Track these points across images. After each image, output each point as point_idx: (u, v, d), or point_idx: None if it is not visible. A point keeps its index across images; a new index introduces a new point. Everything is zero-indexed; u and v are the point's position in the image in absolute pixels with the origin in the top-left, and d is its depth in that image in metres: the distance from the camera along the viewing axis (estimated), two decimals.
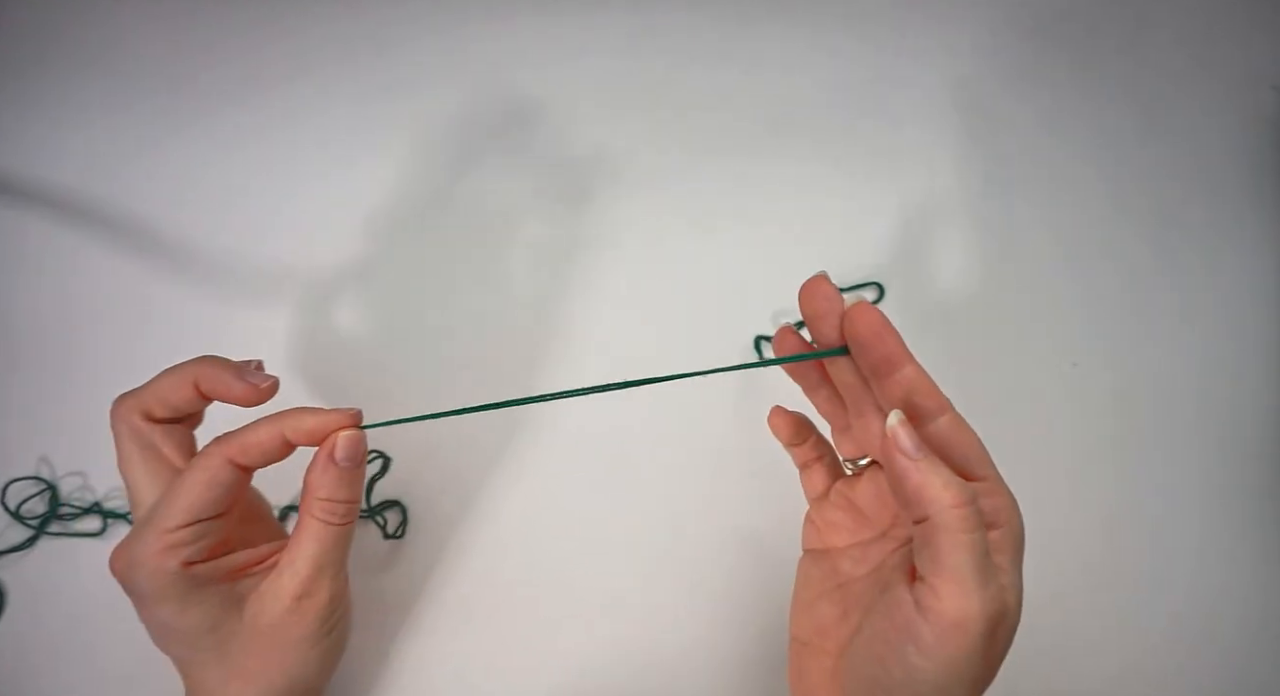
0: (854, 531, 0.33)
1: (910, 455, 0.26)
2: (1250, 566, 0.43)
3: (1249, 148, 0.54)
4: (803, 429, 0.34)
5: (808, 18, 0.58)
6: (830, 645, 0.31)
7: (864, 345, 0.28)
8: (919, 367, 0.28)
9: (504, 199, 0.51)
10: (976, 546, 0.25)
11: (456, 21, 0.56)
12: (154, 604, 0.30)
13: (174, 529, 0.29)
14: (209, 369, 0.31)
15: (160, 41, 0.55)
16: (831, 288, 0.29)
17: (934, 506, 0.25)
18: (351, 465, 0.31)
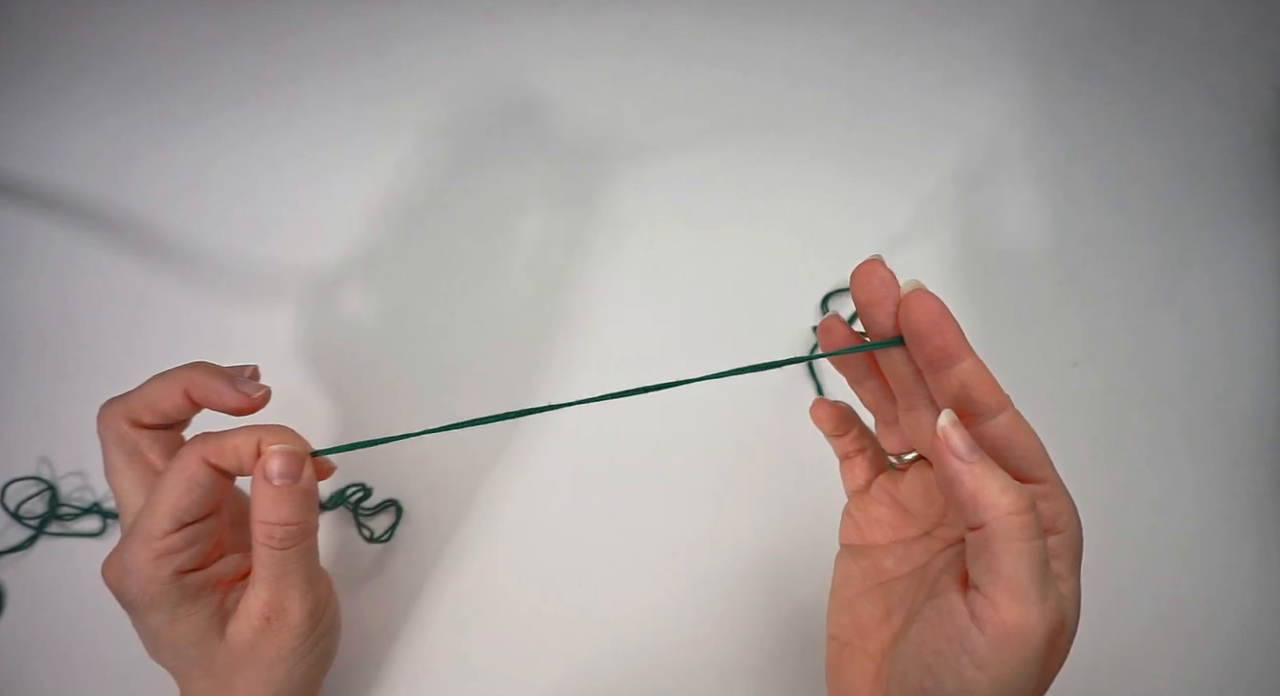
0: (897, 528, 0.31)
1: (964, 458, 0.24)
2: (1250, 566, 0.43)
3: (1249, 148, 0.54)
4: (846, 419, 0.33)
5: (809, 17, 0.58)
6: (872, 646, 0.30)
7: (921, 335, 0.26)
8: (978, 361, 0.26)
9: (505, 198, 0.51)
10: (1036, 555, 0.24)
11: (457, 22, 0.56)
12: (145, 613, 0.30)
13: (163, 536, 0.29)
14: (201, 376, 0.31)
15: (160, 42, 0.55)
16: (888, 272, 0.27)
17: (990, 512, 0.24)
18: (286, 482, 0.29)
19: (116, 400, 0.31)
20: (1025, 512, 0.24)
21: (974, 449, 0.25)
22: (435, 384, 0.45)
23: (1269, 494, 0.44)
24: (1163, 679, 0.40)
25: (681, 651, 0.40)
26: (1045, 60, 0.57)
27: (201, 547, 0.30)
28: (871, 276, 0.27)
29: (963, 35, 0.58)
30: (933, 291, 0.26)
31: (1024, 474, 0.26)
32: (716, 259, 0.49)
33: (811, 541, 0.42)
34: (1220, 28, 0.58)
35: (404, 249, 0.49)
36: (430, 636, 0.40)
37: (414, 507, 0.42)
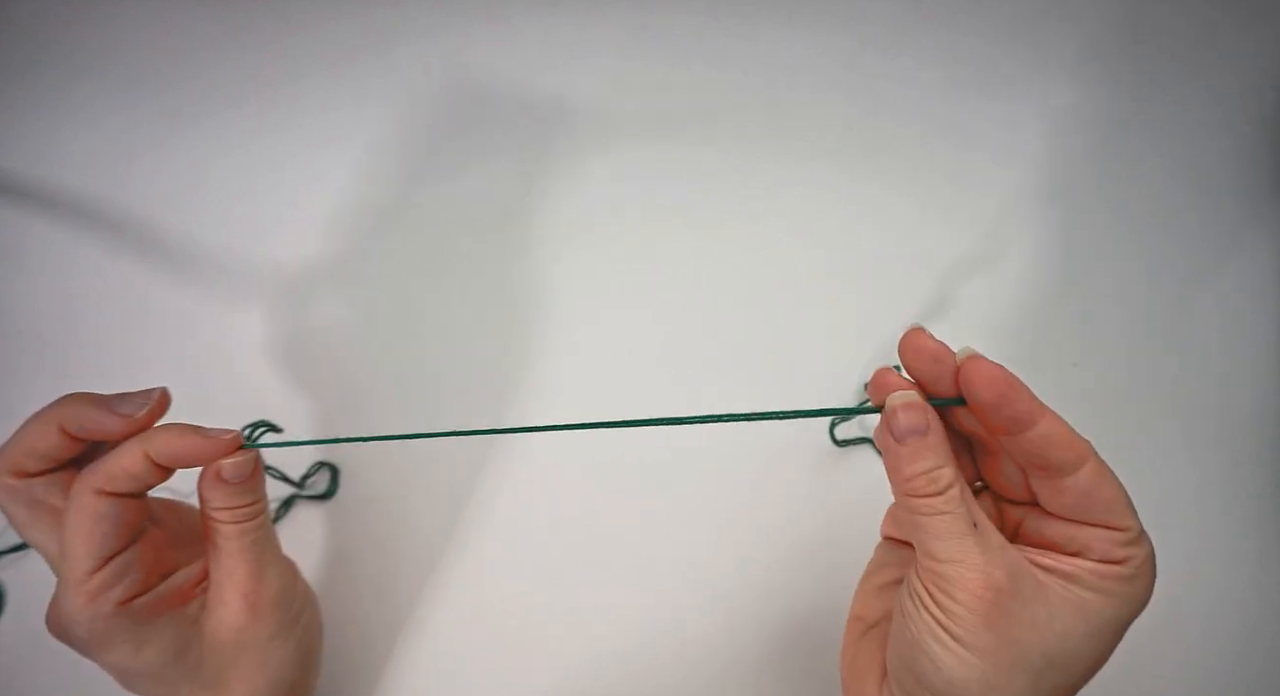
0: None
1: (895, 438, 0.26)
2: (1250, 566, 0.43)
3: (1249, 148, 0.54)
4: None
5: (809, 17, 0.58)
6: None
7: (988, 406, 0.25)
8: (1055, 419, 0.25)
9: (505, 198, 0.51)
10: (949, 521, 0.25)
11: (457, 22, 0.56)
12: (104, 651, 0.29)
13: (87, 576, 0.28)
14: (73, 408, 0.29)
15: (160, 42, 0.55)
16: (936, 344, 0.26)
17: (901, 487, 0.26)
18: (240, 481, 0.29)
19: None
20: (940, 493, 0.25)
21: (913, 431, 0.26)
22: (434, 383, 0.45)
23: (1269, 494, 0.44)
24: (1163, 679, 0.40)
25: (681, 656, 0.40)
26: (1045, 60, 0.57)
27: (136, 575, 0.29)
28: (922, 353, 0.26)
29: (963, 35, 0.58)
30: (988, 358, 0.26)
31: (1109, 523, 0.26)
32: (716, 259, 0.49)
33: (814, 546, 0.42)
34: (1220, 28, 0.58)
35: (404, 248, 0.49)
36: (424, 644, 0.40)
37: (404, 507, 0.42)
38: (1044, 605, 0.25)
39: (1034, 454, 0.25)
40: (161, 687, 0.30)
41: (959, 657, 0.25)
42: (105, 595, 0.28)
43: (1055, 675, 0.25)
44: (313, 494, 0.42)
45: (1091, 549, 0.26)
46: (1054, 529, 0.27)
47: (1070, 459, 0.25)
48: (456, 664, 0.39)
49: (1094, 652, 0.26)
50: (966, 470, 0.30)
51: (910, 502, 0.26)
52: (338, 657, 0.38)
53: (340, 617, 0.39)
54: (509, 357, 0.46)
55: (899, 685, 0.28)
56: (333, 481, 0.42)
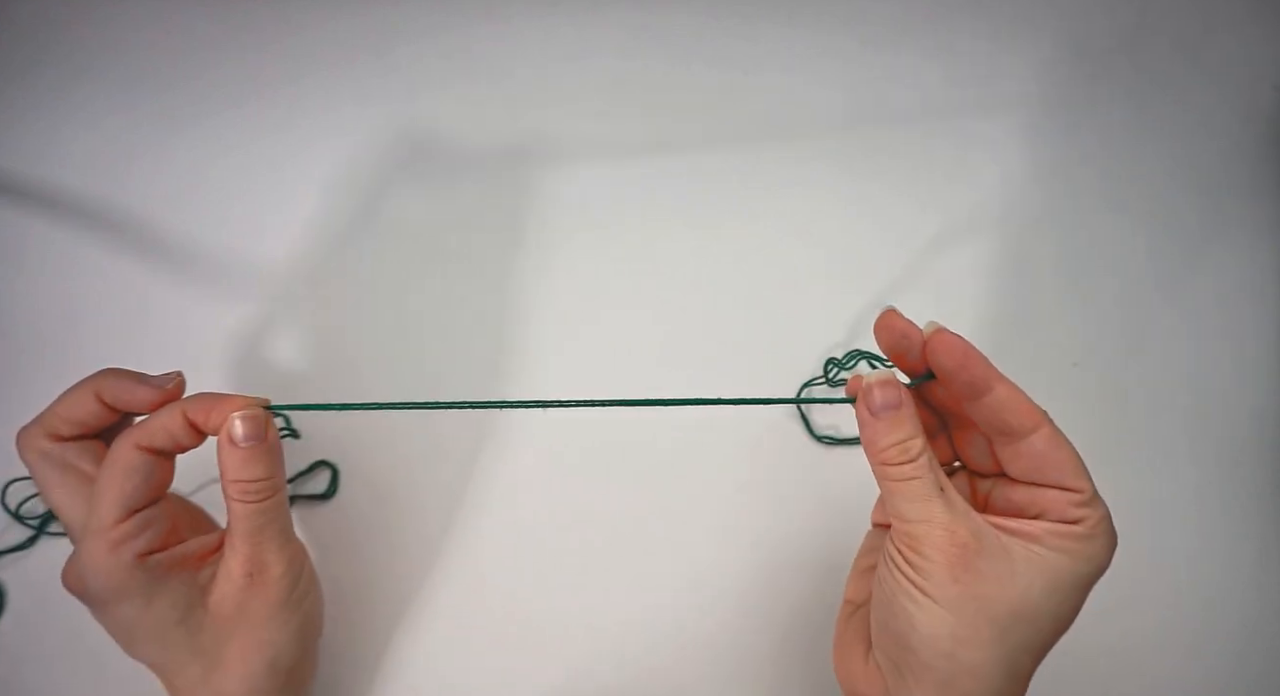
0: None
1: (872, 412, 0.28)
2: (1250, 566, 0.43)
3: (1248, 147, 0.54)
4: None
5: (809, 17, 0.58)
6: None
7: (950, 372, 0.28)
8: (1010, 386, 0.28)
9: (505, 198, 0.51)
10: (915, 486, 0.28)
11: (457, 21, 0.56)
12: (116, 603, 0.30)
13: (114, 524, 0.29)
14: (109, 379, 0.31)
15: (160, 42, 0.55)
16: (904, 322, 0.29)
17: (873, 457, 0.28)
18: (253, 443, 0.30)
19: (30, 422, 0.32)
20: (911, 461, 0.28)
21: (887, 406, 0.28)
22: (434, 382, 0.45)
23: (1269, 494, 0.44)
24: (1163, 678, 0.40)
25: (680, 654, 0.40)
26: (1046, 60, 0.57)
27: (157, 530, 0.30)
28: (891, 330, 0.30)
29: (963, 35, 0.58)
30: (951, 330, 0.29)
31: (1063, 484, 0.28)
32: (716, 259, 0.49)
33: (811, 542, 0.42)
34: (1220, 28, 0.58)
35: (404, 249, 0.49)
36: (422, 642, 0.40)
37: (402, 506, 0.42)
38: (1007, 562, 0.27)
39: (994, 418, 0.28)
40: (164, 652, 0.31)
41: (929, 612, 0.27)
42: (127, 545, 0.29)
43: (1022, 629, 0.27)
44: (312, 494, 0.42)
45: (1049, 511, 0.28)
46: (1017, 494, 0.30)
47: (1026, 423, 0.28)
48: (453, 662, 0.39)
49: (1057, 608, 0.28)
50: (943, 450, 0.33)
51: (884, 470, 0.29)
52: (335, 653, 0.38)
53: (338, 614, 0.39)
54: (509, 357, 0.46)
55: (881, 651, 0.30)
56: (332, 481, 0.42)
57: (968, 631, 0.27)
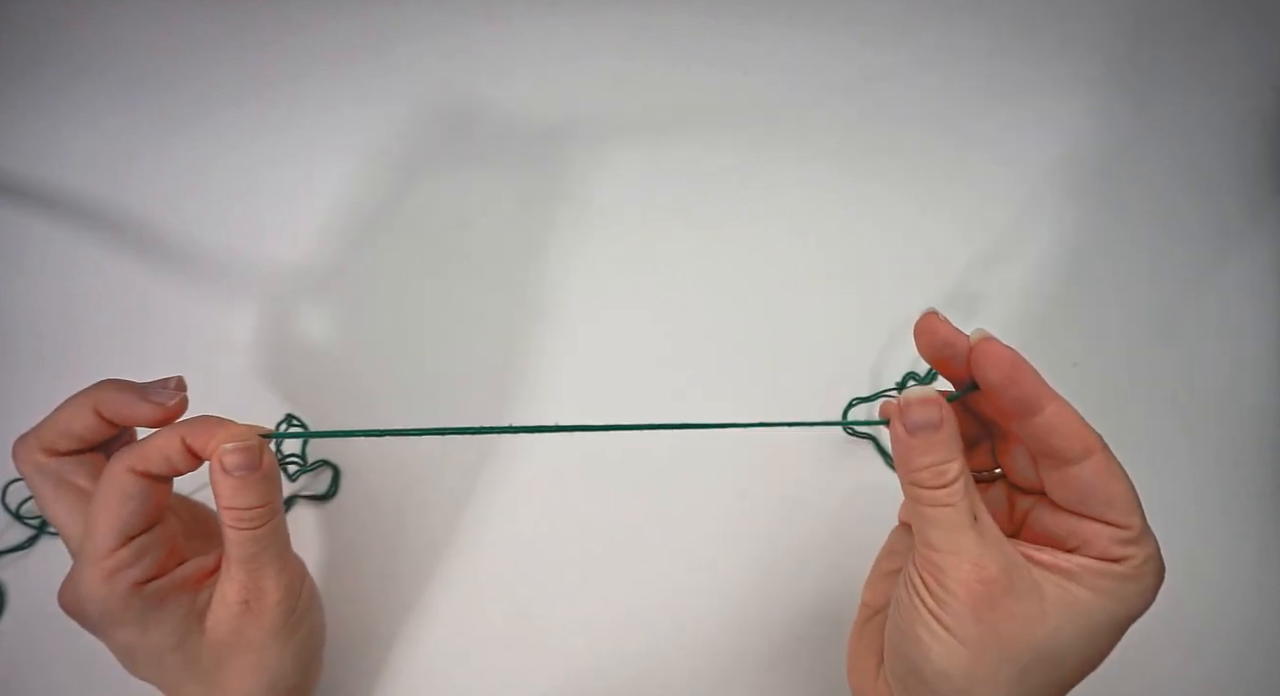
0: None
1: (908, 431, 0.26)
2: (1250, 566, 0.43)
3: (1249, 148, 0.54)
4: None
5: (809, 17, 0.58)
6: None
7: (997, 388, 0.26)
8: (1063, 406, 0.26)
9: (505, 198, 0.51)
10: (951, 514, 0.26)
11: (457, 21, 0.56)
12: (112, 630, 0.29)
13: (109, 553, 0.28)
14: (109, 392, 0.30)
15: (160, 42, 0.55)
16: (949, 328, 0.27)
17: (908, 477, 0.26)
18: (245, 473, 0.29)
19: (27, 433, 0.31)
20: (945, 486, 0.26)
21: (926, 426, 0.26)
22: (434, 382, 0.45)
23: (1269, 494, 0.44)
24: (1163, 678, 0.40)
25: (685, 656, 0.40)
26: (1046, 60, 0.57)
27: (155, 557, 0.29)
28: (934, 336, 0.27)
29: (963, 35, 0.58)
30: (1001, 341, 0.26)
31: (1110, 519, 0.26)
32: (716, 259, 0.49)
33: (819, 544, 0.42)
34: (1221, 28, 0.58)
35: (404, 249, 0.49)
36: (423, 644, 0.40)
37: (404, 506, 0.42)
38: (1037, 602, 0.25)
39: (1042, 440, 0.26)
40: (162, 674, 0.31)
41: (946, 647, 0.25)
42: (123, 573, 0.29)
43: (1045, 670, 0.26)
44: (313, 494, 0.42)
45: (1091, 545, 0.26)
46: (1057, 522, 0.27)
47: (1076, 448, 0.26)
48: (454, 664, 0.39)
49: (1086, 651, 0.26)
50: (983, 458, 0.30)
51: (916, 493, 0.26)
52: (336, 657, 0.38)
53: (339, 617, 0.39)
54: (509, 358, 0.46)
55: (892, 671, 0.28)
56: (334, 482, 0.42)
57: (986, 670, 0.25)
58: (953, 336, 0.27)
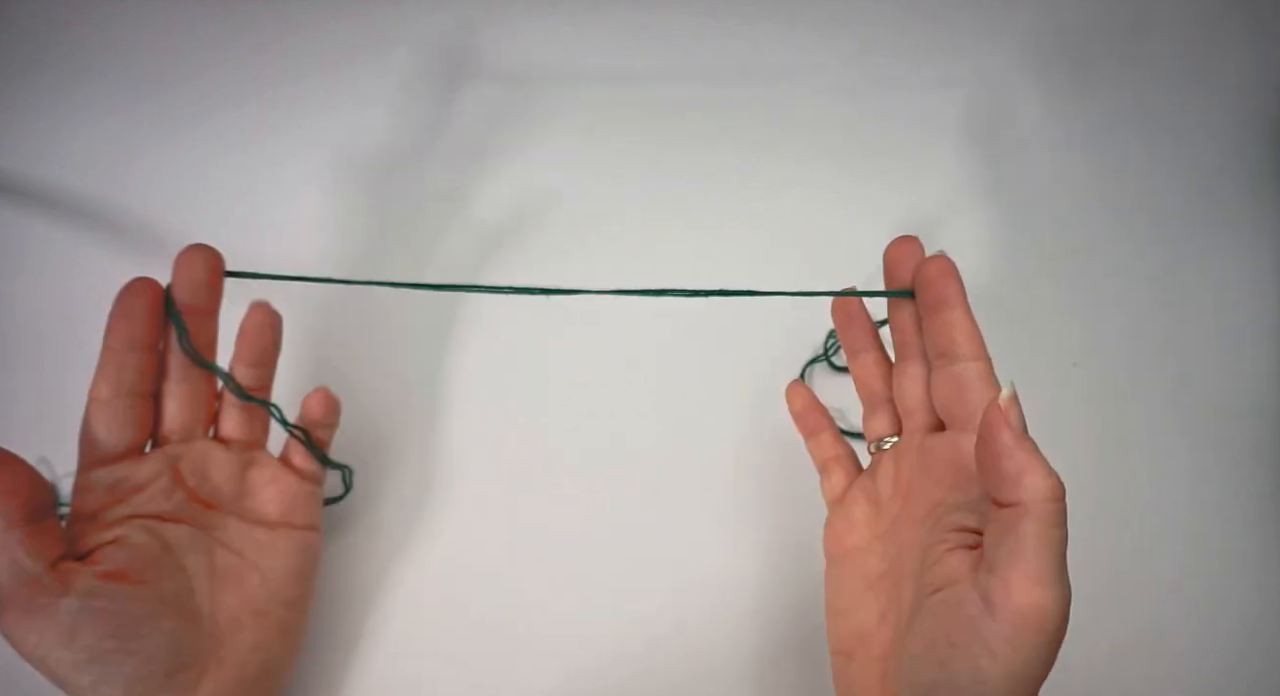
0: (871, 524, 0.32)
1: (1016, 433, 0.24)
2: (1250, 566, 0.43)
3: (1249, 148, 0.54)
4: (818, 410, 0.36)
5: (809, 17, 0.58)
6: (874, 651, 0.30)
7: (928, 282, 0.30)
8: (968, 313, 0.29)
9: (504, 199, 0.51)
10: (1060, 543, 0.24)
11: (457, 23, 0.56)
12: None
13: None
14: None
15: (160, 42, 0.55)
16: (918, 245, 0.31)
17: (1029, 493, 0.24)
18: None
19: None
20: (1060, 500, 0.24)
21: (1025, 430, 0.25)
22: (435, 382, 0.45)
23: (1269, 494, 0.44)
24: (1162, 678, 0.40)
25: (684, 656, 0.40)
26: (1046, 60, 0.57)
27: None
28: (904, 242, 0.31)
29: (963, 36, 0.58)
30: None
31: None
32: (716, 259, 0.49)
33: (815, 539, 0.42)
34: (1221, 28, 0.58)
35: (404, 249, 0.49)
36: (415, 644, 0.40)
37: (397, 504, 0.42)
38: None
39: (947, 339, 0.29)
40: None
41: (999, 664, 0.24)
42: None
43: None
44: (330, 498, 0.42)
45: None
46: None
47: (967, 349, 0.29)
48: (449, 665, 0.39)
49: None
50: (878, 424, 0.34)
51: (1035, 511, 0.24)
52: (325, 659, 0.38)
53: (331, 617, 0.39)
54: (510, 358, 0.46)
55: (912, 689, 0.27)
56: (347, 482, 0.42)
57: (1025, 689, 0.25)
58: (919, 248, 0.31)
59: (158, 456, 0.32)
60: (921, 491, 0.30)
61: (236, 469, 0.34)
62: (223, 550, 0.33)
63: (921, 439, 0.31)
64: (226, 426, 0.35)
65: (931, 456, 0.30)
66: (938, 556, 0.27)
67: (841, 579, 0.33)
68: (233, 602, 0.33)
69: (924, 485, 0.30)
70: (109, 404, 0.31)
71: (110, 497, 0.31)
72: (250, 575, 0.33)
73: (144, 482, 0.31)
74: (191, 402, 0.33)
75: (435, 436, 0.44)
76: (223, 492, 0.34)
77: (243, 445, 0.35)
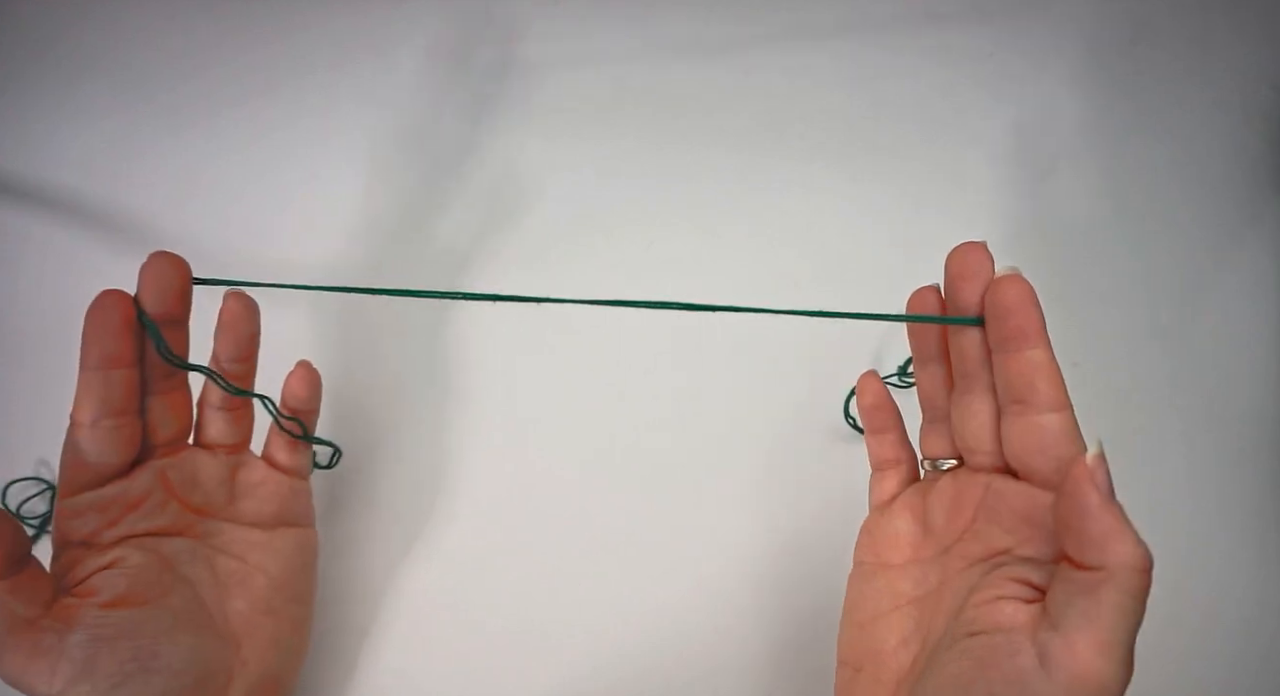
0: (915, 547, 0.30)
1: (1105, 494, 0.23)
2: (1250, 566, 0.43)
3: (1249, 148, 0.54)
4: (889, 410, 0.33)
5: (809, 17, 0.58)
6: (886, 673, 0.29)
7: (1005, 311, 0.27)
8: (1050, 353, 0.27)
9: (503, 199, 0.51)
10: (1137, 617, 0.23)
11: (457, 23, 0.56)
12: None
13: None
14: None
15: (160, 42, 0.55)
16: (987, 253, 0.28)
17: (1116, 559, 0.23)
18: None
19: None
20: (1147, 572, 0.23)
21: (1113, 492, 0.24)
22: (435, 382, 0.45)
23: (1269, 494, 0.44)
24: (1162, 678, 0.40)
25: (682, 659, 0.40)
26: (1045, 60, 0.57)
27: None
28: (970, 252, 0.29)
29: (963, 36, 0.58)
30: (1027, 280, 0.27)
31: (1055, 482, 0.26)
32: (715, 259, 0.49)
33: (816, 540, 0.42)
34: (1220, 27, 0.58)
35: (403, 249, 0.49)
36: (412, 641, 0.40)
37: (392, 500, 0.42)
38: None
39: (1023, 380, 0.27)
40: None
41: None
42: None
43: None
44: (318, 463, 0.41)
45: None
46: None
47: (1049, 398, 0.27)
48: (448, 661, 0.39)
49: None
50: (935, 443, 0.31)
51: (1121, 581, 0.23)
52: (321, 651, 0.38)
53: (330, 617, 0.39)
54: (509, 359, 0.46)
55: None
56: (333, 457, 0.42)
57: None
58: (987, 259, 0.28)
59: (147, 471, 0.31)
60: (985, 534, 0.28)
61: (225, 474, 0.34)
62: (223, 557, 0.33)
63: (989, 479, 0.28)
64: (210, 432, 0.34)
65: (1002, 503, 0.28)
66: (986, 600, 0.26)
67: (868, 592, 0.31)
68: (242, 606, 0.33)
69: (989, 529, 0.28)
70: (95, 426, 0.29)
71: (103, 521, 0.30)
72: (255, 577, 0.33)
73: (137, 500, 0.30)
74: (175, 412, 0.32)
75: (437, 438, 0.44)
76: (215, 499, 0.33)
77: (228, 449, 0.34)
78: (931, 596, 0.29)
